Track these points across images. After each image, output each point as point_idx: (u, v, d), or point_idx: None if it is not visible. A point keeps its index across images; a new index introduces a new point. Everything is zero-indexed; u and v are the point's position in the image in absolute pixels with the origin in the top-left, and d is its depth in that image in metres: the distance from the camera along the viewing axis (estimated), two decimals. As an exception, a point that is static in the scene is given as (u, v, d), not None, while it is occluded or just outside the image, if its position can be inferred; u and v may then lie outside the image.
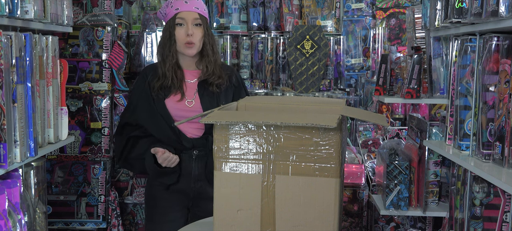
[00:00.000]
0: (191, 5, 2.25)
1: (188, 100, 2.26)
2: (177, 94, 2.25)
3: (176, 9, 2.24)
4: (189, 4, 2.24)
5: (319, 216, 1.54)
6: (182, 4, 2.24)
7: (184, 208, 2.32)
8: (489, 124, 1.82)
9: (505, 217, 1.89)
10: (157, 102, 2.25)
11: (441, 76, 2.46)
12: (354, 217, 3.24)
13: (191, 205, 2.31)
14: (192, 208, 2.32)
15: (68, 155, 3.11)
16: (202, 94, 2.27)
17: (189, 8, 2.24)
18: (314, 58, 3.34)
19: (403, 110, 3.57)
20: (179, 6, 2.24)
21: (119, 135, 2.34)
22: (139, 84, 2.32)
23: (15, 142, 1.84)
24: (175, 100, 2.25)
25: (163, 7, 2.31)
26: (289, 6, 3.52)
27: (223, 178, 1.60)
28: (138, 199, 3.37)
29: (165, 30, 2.27)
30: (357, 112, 2.19)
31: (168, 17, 2.26)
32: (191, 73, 2.30)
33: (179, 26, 2.23)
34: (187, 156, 2.24)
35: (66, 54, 3.08)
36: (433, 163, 2.56)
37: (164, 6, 2.31)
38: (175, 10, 2.24)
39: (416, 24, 2.80)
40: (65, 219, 3.12)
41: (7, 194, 1.80)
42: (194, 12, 2.24)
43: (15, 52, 1.81)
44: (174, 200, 2.28)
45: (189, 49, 2.23)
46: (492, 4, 1.68)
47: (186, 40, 2.21)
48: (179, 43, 2.23)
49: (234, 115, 1.69)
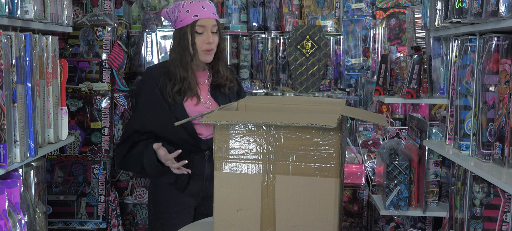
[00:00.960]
0: (209, 12, 2.20)
1: (205, 103, 2.25)
2: (193, 98, 2.22)
3: (195, 16, 2.17)
4: (207, 11, 2.19)
5: (319, 216, 1.54)
6: (200, 10, 2.18)
7: (192, 208, 2.29)
8: (489, 124, 1.82)
9: (505, 217, 1.89)
10: (174, 107, 2.19)
11: (441, 76, 2.46)
12: (354, 217, 3.24)
13: (199, 204, 2.29)
14: (198, 207, 2.30)
15: (68, 155, 3.11)
16: (215, 95, 2.27)
17: (208, 15, 2.19)
18: (314, 58, 3.34)
19: (403, 110, 3.57)
20: (198, 13, 2.17)
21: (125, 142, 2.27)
22: (147, 88, 2.25)
23: (15, 142, 1.84)
24: (192, 104, 2.22)
25: (173, 10, 2.22)
26: (289, 6, 3.52)
27: (223, 178, 1.60)
28: (138, 199, 3.37)
29: (183, 37, 2.19)
30: (357, 113, 2.18)
31: (184, 22, 2.18)
32: (201, 75, 2.29)
33: (198, 34, 2.18)
34: (199, 157, 2.21)
35: (66, 54, 3.08)
36: (433, 163, 2.56)
37: (174, 8, 2.23)
38: (194, 17, 2.17)
39: (416, 24, 2.80)
40: (65, 219, 3.12)
41: (7, 194, 1.80)
42: (212, 19, 2.20)
43: (15, 52, 1.81)
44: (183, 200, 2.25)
45: (208, 56, 2.21)
46: (492, 4, 1.68)
47: (206, 48, 2.18)
48: (199, 51, 2.19)
49: (234, 115, 1.69)
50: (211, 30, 2.19)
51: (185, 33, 2.19)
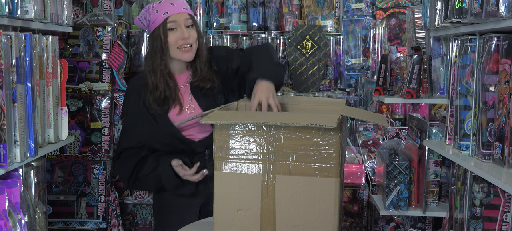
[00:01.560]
0: (179, 6, 2.09)
1: (187, 108, 2.15)
2: (176, 106, 2.14)
3: (164, 14, 2.05)
4: (177, 6, 2.09)
5: (319, 216, 1.54)
6: (169, 6, 2.07)
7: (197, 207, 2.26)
8: (489, 124, 1.82)
9: (505, 217, 1.89)
10: (160, 120, 2.12)
11: (441, 76, 2.46)
12: (354, 217, 3.24)
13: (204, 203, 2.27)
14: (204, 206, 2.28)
15: (68, 155, 3.11)
16: (197, 96, 2.16)
17: (178, 10, 2.08)
18: (314, 58, 3.33)
19: (403, 110, 3.57)
20: (167, 10, 2.06)
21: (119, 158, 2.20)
22: (131, 104, 2.16)
23: (15, 142, 1.84)
24: (175, 113, 2.14)
25: (144, 14, 2.12)
26: (289, 6, 3.52)
27: (223, 178, 1.60)
28: (138, 199, 3.37)
29: (155, 39, 2.08)
30: (357, 112, 2.19)
31: (156, 24, 2.07)
32: (182, 77, 2.19)
33: (171, 31, 2.07)
34: (201, 159, 2.15)
35: (66, 54, 3.08)
36: (433, 163, 2.56)
37: (144, 13, 2.12)
38: (164, 15, 2.05)
39: (416, 24, 2.80)
40: (65, 219, 3.12)
41: (7, 194, 1.80)
42: (184, 13, 2.09)
43: (15, 52, 1.81)
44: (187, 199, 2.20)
45: (186, 54, 2.09)
46: (492, 4, 1.68)
47: (182, 44, 2.07)
48: (173, 49, 2.07)
49: (234, 115, 1.70)
50: (185, 24, 2.07)
51: (158, 34, 2.07)
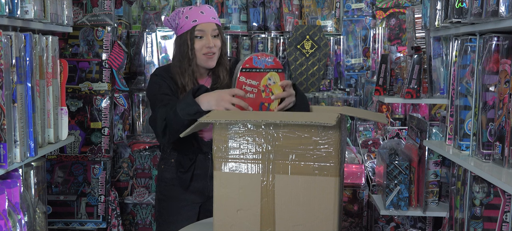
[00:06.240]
0: (208, 16, 2.18)
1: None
2: None
3: (193, 21, 2.16)
4: (206, 15, 2.18)
5: (319, 215, 1.54)
6: (198, 15, 2.17)
7: (196, 205, 2.31)
8: (489, 124, 1.82)
9: (505, 217, 1.89)
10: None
11: (441, 76, 2.46)
12: (354, 217, 3.24)
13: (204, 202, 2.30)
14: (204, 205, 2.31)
15: (68, 155, 3.11)
16: None
17: (207, 19, 2.17)
18: (314, 58, 3.33)
19: (403, 110, 3.57)
20: (197, 18, 2.16)
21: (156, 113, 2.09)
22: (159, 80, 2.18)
23: (15, 142, 1.84)
24: None
25: (174, 17, 2.23)
26: (289, 6, 3.52)
27: (223, 178, 1.60)
28: (138, 199, 3.37)
29: (182, 43, 2.18)
30: (356, 111, 2.19)
31: (184, 29, 2.18)
32: (204, 82, 2.27)
33: (198, 38, 2.17)
34: (203, 157, 2.23)
35: (66, 54, 3.08)
36: (433, 163, 2.56)
37: (174, 15, 2.23)
38: (193, 22, 2.16)
39: (416, 24, 2.80)
40: (65, 219, 3.12)
41: (7, 194, 1.80)
42: (212, 23, 2.18)
43: (15, 52, 1.81)
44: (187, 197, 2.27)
45: (210, 61, 2.18)
46: (492, 4, 1.68)
47: (207, 52, 2.16)
48: (199, 55, 2.18)
49: (233, 114, 1.70)
50: (211, 34, 2.18)
51: (185, 40, 2.18)
